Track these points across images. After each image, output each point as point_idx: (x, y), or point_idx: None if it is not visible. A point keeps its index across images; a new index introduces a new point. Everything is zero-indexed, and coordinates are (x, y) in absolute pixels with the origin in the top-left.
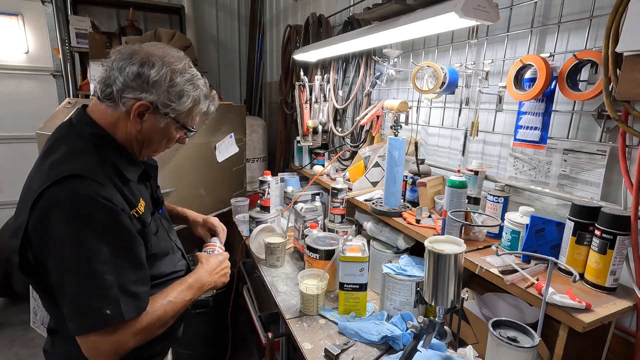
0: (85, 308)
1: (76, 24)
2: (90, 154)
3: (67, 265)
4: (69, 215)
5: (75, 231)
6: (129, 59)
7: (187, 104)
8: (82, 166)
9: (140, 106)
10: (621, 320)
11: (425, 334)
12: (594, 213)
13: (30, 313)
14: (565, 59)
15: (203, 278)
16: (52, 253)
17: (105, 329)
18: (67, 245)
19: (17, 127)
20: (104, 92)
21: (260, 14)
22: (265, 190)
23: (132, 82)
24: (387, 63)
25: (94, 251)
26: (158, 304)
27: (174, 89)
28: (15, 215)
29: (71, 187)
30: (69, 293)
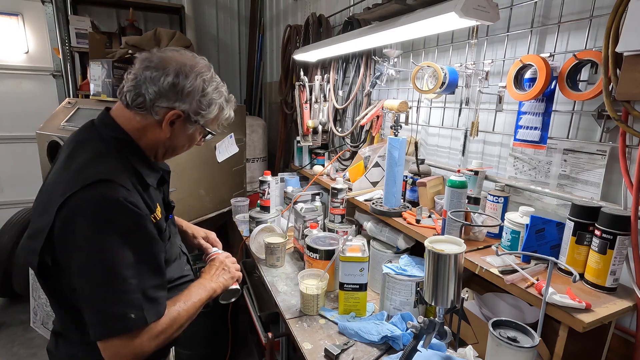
0: (110, 313)
1: (76, 24)
2: (114, 158)
3: (93, 270)
4: (97, 220)
5: (102, 236)
6: (163, 69)
7: (214, 112)
8: (109, 171)
9: (173, 115)
10: (621, 320)
11: (425, 334)
12: (594, 213)
13: (30, 313)
14: (565, 59)
15: (207, 283)
16: (77, 256)
17: (129, 333)
18: (93, 249)
19: (17, 127)
20: (135, 100)
21: (260, 14)
22: (265, 190)
23: (167, 92)
24: (387, 63)
25: (120, 256)
26: (173, 310)
27: (204, 99)
28: (36, 217)
29: (100, 192)
30: (94, 297)
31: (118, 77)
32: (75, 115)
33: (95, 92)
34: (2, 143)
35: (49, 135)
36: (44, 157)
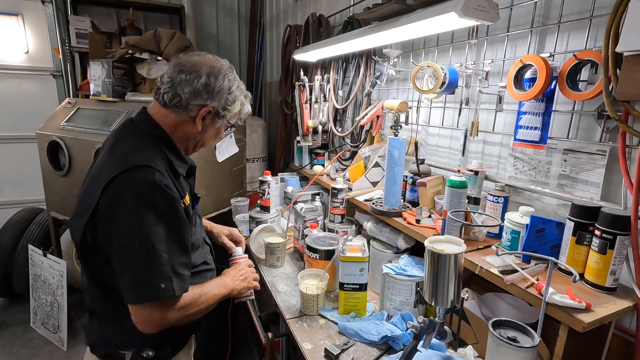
0: (144, 280)
1: (76, 24)
2: (151, 150)
3: (131, 241)
4: (137, 198)
5: (141, 212)
6: (196, 72)
7: (238, 107)
8: (146, 159)
9: (205, 111)
10: (621, 320)
11: (425, 334)
12: (594, 213)
13: (30, 313)
14: (565, 59)
15: (227, 281)
16: (118, 229)
17: (158, 301)
18: (133, 223)
19: (17, 127)
20: (173, 100)
21: (260, 14)
22: (265, 190)
23: (201, 92)
24: (387, 63)
25: (155, 232)
26: (194, 292)
27: (230, 96)
28: (82, 198)
29: (140, 174)
30: (131, 266)
31: (118, 77)
32: (75, 115)
33: (95, 92)
34: (2, 143)
35: (49, 135)
36: (44, 157)
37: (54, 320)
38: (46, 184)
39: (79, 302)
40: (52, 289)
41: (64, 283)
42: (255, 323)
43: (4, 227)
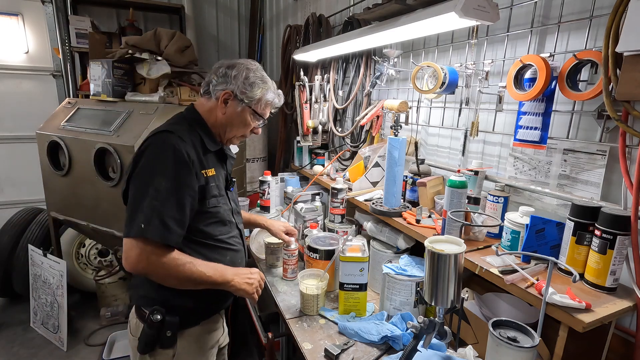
0: (133, 218)
1: (76, 24)
2: (184, 125)
3: (135, 185)
4: (153, 151)
5: (151, 162)
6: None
7: (257, 93)
8: (174, 129)
9: (224, 94)
10: (621, 320)
11: (425, 334)
12: (594, 213)
13: (30, 313)
14: (565, 59)
15: (228, 272)
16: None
17: (136, 238)
18: (143, 170)
19: (17, 127)
20: (204, 88)
21: (260, 14)
22: (265, 190)
23: (222, 78)
24: (387, 63)
25: (156, 181)
26: (183, 257)
27: (247, 81)
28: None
29: (162, 136)
30: (130, 204)
31: (118, 77)
32: (75, 115)
33: (95, 92)
34: (2, 143)
35: (49, 135)
36: (44, 157)
37: (54, 320)
38: (46, 184)
39: (79, 302)
40: (52, 289)
41: (64, 283)
42: (255, 323)
43: (4, 227)
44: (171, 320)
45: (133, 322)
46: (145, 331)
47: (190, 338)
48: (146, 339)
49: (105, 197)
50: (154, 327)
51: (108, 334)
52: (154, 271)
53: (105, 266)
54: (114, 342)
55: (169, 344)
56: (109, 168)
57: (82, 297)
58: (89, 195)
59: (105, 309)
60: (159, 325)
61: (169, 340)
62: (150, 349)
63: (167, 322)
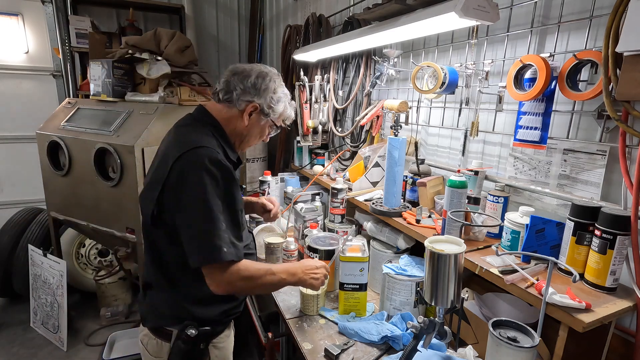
0: (209, 244)
1: (76, 24)
2: (210, 136)
3: (198, 208)
4: (203, 170)
5: (205, 183)
6: (247, 73)
7: (281, 109)
8: (208, 142)
9: (251, 107)
10: (621, 320)
11: (425, 334)
12: (594, 213)
13: (30, 313)
14: (565, 59)
15: (297, 270)
16: (186, 197)
17: (222, 262)
18: (199, 192)
19: (17, 127)
20: (225, 95)
21: (260, 14)
22: (265, 190)
23: (250, 89)
24: (387, 63)
25: (217, 203)
26: (261, 267)
27: (275, 96)
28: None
29: (204, 151)
30: (196, 231)
31: (118, 77)
32: (75, 115)
33: (95, 92)
34: (2, 143)
35: (49, 135)
36: (44, 157)
37: (54, 320)
38: (46, 184)
39: (79, 302)
40: (52, 289)
41: (64, 283)
42: (255, 323)
43: (4, 227)
44: (205, 332)
45: (152, 344)
46: (180, 347)
47: (218, 345)
48: (182, 355)
49: (105, 197)
50: (189, 342)
51: (108, 334)
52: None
53: (105, 266)
54: (114, 342)
55: (203, 356)
56: (109, 168)
57: (82, 297)
58: (89, 195)
59: (105, 309)
60: (195, 339)
61: (202, 352)
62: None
63: (201, 335)
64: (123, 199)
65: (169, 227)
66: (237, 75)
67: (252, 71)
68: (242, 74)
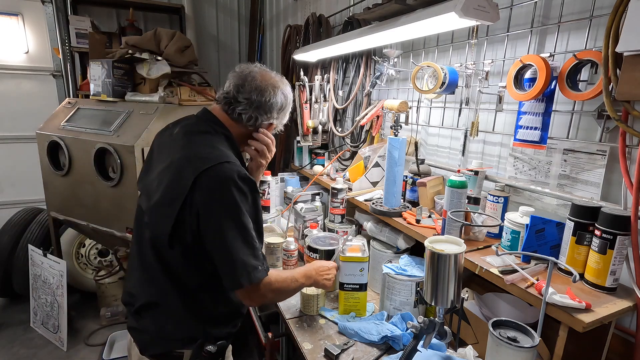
0: (247, 264)
1: (76, 24)
2: (227, 149)
3: (231, 228)
4: (233, 189)
5: (237, 202)
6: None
7: (286, 118)
8: (230, 156)
9: (269, 124)
10: (621, 320)
11: (425, 334)
12: (594, 213)
13: (30, 313)
14: (565, 59)
15: (312, 272)
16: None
17: (259, 281)
18: (232, 212)
19: (17, 127)
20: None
21: (260, 14)
22: (265, 190)
23: (271, 110)
24: (387, 63)
25: (248, 220)
26: (286, 275)
27: (285, 110)
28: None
29: (232, 168)
30: (234, 253)
31: (118, 77)
32: (75, 115)
33: (95, 92)
34: (2, 143)
35: (49, 135)
36: (44, 157)
37: (54, 320)
38: (46, 184)
39: (79, 302)
40: (52, 289)
41: (64, 283)
42: (255, 323)
43: (4, 227)
44: (222, 346)
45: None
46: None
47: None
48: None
49: (105, 197)
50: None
51: (108, 334)
52: (272, 299)
53: (105, 266)
54: (114, 342)
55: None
56: (109, 168)
57: (82, 297)
58: (89, 195)
59: (105, 309)
60: (214, 355)
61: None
62: None
63: (220, 349)
64: (123, 199)
65: (188, 247)
66: (264, 97)
67: (277, 91)
68: (270, 97)
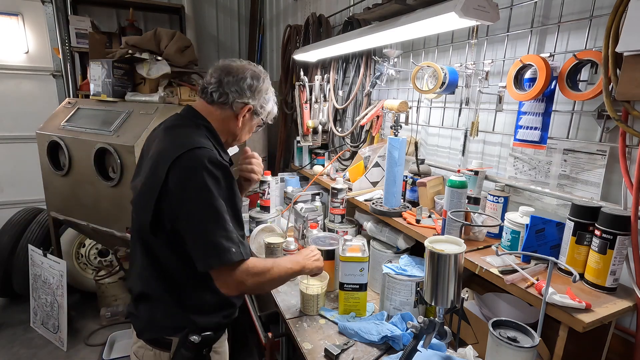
0: (218, 246)
1: (76, 24)
2: (204, 137)
3: (202, 211)
4: (205, 172)
5: (209, 184)
6: (242, 74)
7: (270, 107)
8: (204, 143)
9: (247, 109)
10: (621, 320)
11: (425, 334)
12: (594, 213)
13: (30, 313)
14: (565, 59)
15: (298, 258)
16: (189, 200)
17: (233, 263)
18: (203, 194)
19: (17, 127)
20: (220, 97)
21: (260, 14)
22: (265, 190)
23: (246, 91)
24: (387, 63)
25: (220, 203)
26: (266, 261)
27: (266, 96)
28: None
29: (203, 153)
30: (203, 233)
31: (118, 77)
32: (75, 115)
33: (95, 92)
34: (2, 143)
35: (49, 135)
36: (44, 157)
37: (54, 320)
38: (46, 184)
39: (79, 302)
40: (52, 289)
41: (64, 283)
42: (255, 323)
43: (4, 227)
44: (207, 337)
45: (148, 355)
46: (184, 355)
47: (218, 350)
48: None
49: (105, 197)
50: (193, 349)
51: (108, 334)
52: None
53: (105, 266)
54: (114, 342)
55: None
56: (109, 168)
57: (82, 297)
58: (89, 195)
59: (105, 309)
60: (198, 345)
61: (204, 358)
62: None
63: (204, 340)
64: (123, 199)
65: (169, 235)
66: (231, 75)
67: (245, 72)
68: (237, 75)
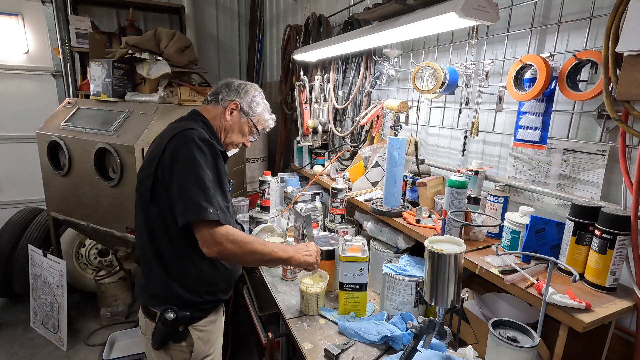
0: (197, 204)
1: (76, 24)
2: (200, 128)
3: (189, 176)
4: (193, 145)
5: (195, 155)
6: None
7: (258, 111)
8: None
9: (233, 104)
10: (621, 320)
11: (425, 334)
12: (594, 213)
13: (30, 313)
14: (565, 59)
15: (289, 249)
16: (178, 167)
17: (208, 220)
18: (189, 162)
19: (17, 127)
20: (213, 96)
21: (260, 14)
22: (265, 190)
23: (233, 91)
24: (387, 63)
25: (205, 172)
26: (250, 236)
27: (254, 99)
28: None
29: (194, 131)
30: (186, 193)
31: (118, 77)
32: (75, 115)
33: (95, 92)
34: (2, 143)
35: (49, 135)
36: (44, 157)
37: (54, 320)
38: (46, 184)
39: (79, 302)
40: (52, 289)
41: (64, 283)
42: (255, 323)
43: (4, 227)
44: (183, 316)
45: (143, 322)
46: (160, 328)
47: (201, 329)
48: (161, 335)
49: (105, 197)
50: (167, 324)
51: (108, 334)
52: (231, 251)
53: (105, 266)
54: (114, 342)
55: (182, 338)
56: (109, 168)
57: (82, 297)
58: (89, 195)
59: (105, 309)
60: (173, 322)
61: (182, 334)
62: (165, 344)
63: (179, 319)
64: (123, 199)
65: (163, 204)
66: (226, 84)
67: (238, 81)
68: (229, 83)
